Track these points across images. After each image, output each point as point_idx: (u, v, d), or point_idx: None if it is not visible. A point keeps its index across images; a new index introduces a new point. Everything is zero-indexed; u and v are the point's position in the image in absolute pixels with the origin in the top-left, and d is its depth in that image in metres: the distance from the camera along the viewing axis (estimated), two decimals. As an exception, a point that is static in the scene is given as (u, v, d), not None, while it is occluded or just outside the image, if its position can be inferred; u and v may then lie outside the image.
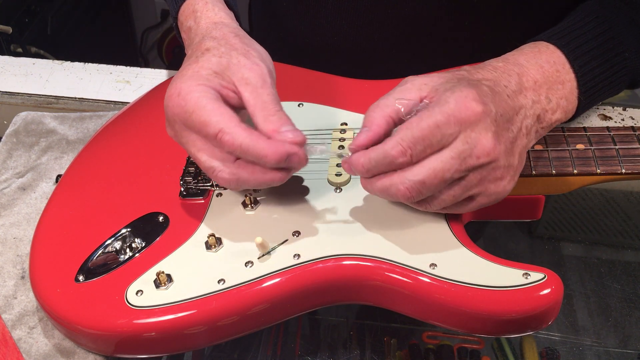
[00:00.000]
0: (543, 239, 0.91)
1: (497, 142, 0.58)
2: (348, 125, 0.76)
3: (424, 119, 0.57)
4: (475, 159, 0.57)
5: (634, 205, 0.92)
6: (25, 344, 0.67)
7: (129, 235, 0.68)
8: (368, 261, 0.62)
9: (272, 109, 0.62)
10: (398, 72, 0.81)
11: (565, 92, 0.66)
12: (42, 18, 1.63)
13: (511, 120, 0.60)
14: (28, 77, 0.98)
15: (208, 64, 0.63)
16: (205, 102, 0.60)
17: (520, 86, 0.63)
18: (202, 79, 0.62)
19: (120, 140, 0.79)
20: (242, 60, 0.64)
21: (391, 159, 0.58)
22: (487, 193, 0.60)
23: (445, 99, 0.58)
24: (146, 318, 0.61)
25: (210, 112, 0.60)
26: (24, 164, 0.84)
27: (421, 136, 0.56)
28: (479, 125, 0.57)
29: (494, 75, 0.63)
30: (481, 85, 0.60)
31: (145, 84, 0.96)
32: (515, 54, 0.67)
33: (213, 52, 0.64)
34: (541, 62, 0.65)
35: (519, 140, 0.61)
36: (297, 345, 0.76)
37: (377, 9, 0.81)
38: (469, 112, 0.57)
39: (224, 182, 0.63)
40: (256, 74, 0.63)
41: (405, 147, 0.57)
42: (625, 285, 0.82)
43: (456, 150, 0.57)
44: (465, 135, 0.57)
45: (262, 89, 0.62)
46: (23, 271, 0.73)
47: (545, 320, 0.60)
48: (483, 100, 0.58)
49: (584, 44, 0.68)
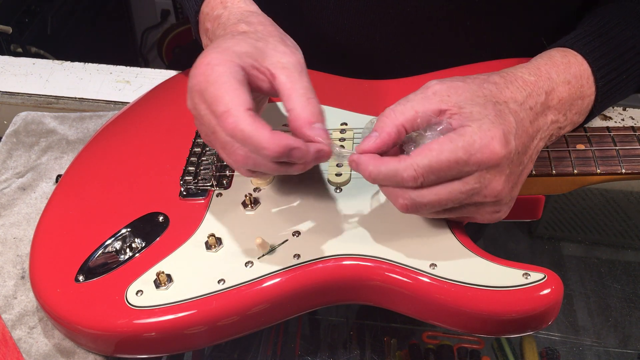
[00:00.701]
0: (543, 239, 0.91)
1: (506, 184, 0.59)
2: (348, 125, 0.76)
3: (445, 152, 0.55)
4: (482, 197, 0.58)
5: (634, 205, 0.92)
6: (25, 344, 0.67)
7: (129, 235, 0.68)
8: (368, 261, 0.62)
9: (310, 97, 0.59)
10: (399, 72, 0.81)
11: (582, 107, 0.67)
12: (42, 18, 1.63)
13: (525, 152, 0.60)
14: (28, 77, 0.98)
15: (245, 43, 0.61)
16: (227, 78, 0.58)
17: (545, 106, 0.63)
18: (235, 55, 0.60)
19: (120, 140, 0.79)
20: (280, 46, 0.62)
21: (401, 180, 0.57)
22: (479, 219, 0.62)
23: (471, 134, 0.56)
24: (146, 318, 0.61)
25: (226, 90, 0.57)
26: (24, 164, 0.84)
27: (438, 168, 0.56)
28: (496, 168, 0.57)
29: (522, 96, 0.61)
30: (508, 118, 0.58)
31: (145, 84, 0.96)
32: (548, 65, 0.65)
33: (250, 35, 0.63)
34: (569, 77, 0.65)
35: (526, 170, 0.62)
36: (297, 345, 0.76)
37: (378, 9, 0.81)
38: (492, 156, 0.56)
39: (237, 163, 0.60)
40: (294, 60, 0.61)
41: (419, 175, 0.56)
42: (625, 285, 0.82)
43: (467, 187, 0.57)
44: (480, 174, 0.57)
45: (301, 75, 0.60)
46: (23, 271, 0.73)
47: (545, 320, 0.60)
48: (507, 140, 0.57)
49: (607, 53, 0.67)
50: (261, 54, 0.61)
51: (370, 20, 0.82)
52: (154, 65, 2.17)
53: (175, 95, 0.84)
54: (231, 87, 0.58)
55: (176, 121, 0.80)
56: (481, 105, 0.58)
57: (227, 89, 0.57)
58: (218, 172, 0.72)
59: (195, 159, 0.74)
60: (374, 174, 0.58)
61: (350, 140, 0.74)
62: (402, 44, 0.84)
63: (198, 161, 0.74)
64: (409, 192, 0.58)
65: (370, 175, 0.58)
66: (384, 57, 0.86)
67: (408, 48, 0.84)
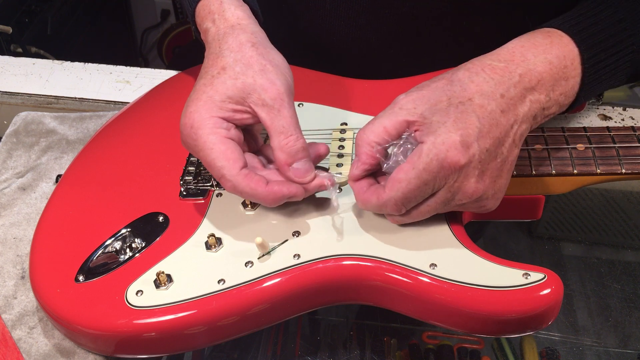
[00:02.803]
0: (543, 239, 0.91)
1: (479, 183, 0.60)
2: (348, 125, 0.76)
3: (412, 181, 0.58)
4: (459, 200, 0.61)
5: (634, 205, 0.92)
6: (25, 344, 0.67)
7: (129, 235, 0.68)
8: (368, 261, 0.62)
9: (288, 135, 0.63)
10: (398, 72, 0.81)
11: (567, 88, 0.64)
12: (42, 18, 1.63)
13: (501, 143, 0.60)
14: (28, 77, 0.98)
15: (223, 87, 0.63)
16: (213, 143, 0.62)
17: (521, 89, 0.61)
18: (215, 108, 0.63)
19: (120, 140, 0.79)
20: (259, 79, 0.63)
21: (387, 211, 0.62)
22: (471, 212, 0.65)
23: (427, 153, 0.58)
24: (146, 318, 0.61)
25: (216, 156, 0.62)
26: (24, 164, 0.84)
27: (412, 196, 0.60)
28: (462, 174, 0.59)
29: (490, 86, 0.60)
30: (469, 119, 0.58)
31: (145, 84, 0.96)
32: (525, 46, 0.64)
33: (229, 72, 0.64)
34: (551, 57, 0.63)
35: (509, 158, 0.61)
36: (297, 345, 0.76)
37: (373, 9, 0.81)
38: (452, 167, 0.58)
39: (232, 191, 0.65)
40: (274, 93, 0.63)
41: (400, 206, 0.61)
42: (625, 285, 0.82)
43: (441, 198, 0.60)
44: (448, 185, 0.59)
45: (280, 112, 0.63)
46: (23, 271, 0.73)
47: (545, 320, 0.60)
48: (467, 145, 0.58)
49: (596, 33, 0.65)
50: (241, 94, 0.64)
51: (366, 21, 0.82)
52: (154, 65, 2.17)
53: (175, 95, 0.84)
54: (219, 152, 0.62)
55: (176, 121, 0.79)
56: (442, 112, 0.59)
57: (216, 155, 0.62)
58: (218, 172, 0.72)
59: (195, 159, 0.74)
60: (364, 204, 0.64)
61: (350, 140, 0.74)
62: (398, 45, 0.84)
63: (198, 161, 0.74)
64: (398, 218, 0.64)
65: (361, 204, 0.64)
66: (381, 57, 0.86)
67: (404, 48, 0.84)
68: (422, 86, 0.62)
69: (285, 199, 0.64)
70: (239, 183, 0.62)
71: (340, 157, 0.72)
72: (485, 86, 0.60)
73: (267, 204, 0.64)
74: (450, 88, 0.61)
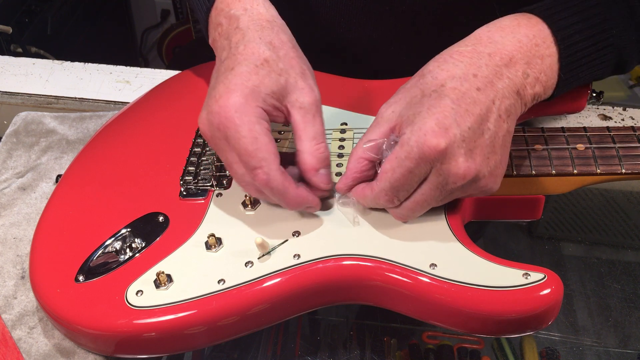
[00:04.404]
0: (543, 239, 0.91)
1: (470, 161, 0.59)
2: (348, 125, 0.76)
3: (396, 169, 0.59)
4: (453, 184, 0.60)
5: (634, 205, 0.92)
6: (25, 344, 0.67)
7: (129, 236, 0.68)
8: (368, 261, 0.62)
9: (320, 142, 0.64)
10: (398, 70, 0.81)
11: (544, 67, 0.63)
12: (42, 18, 1.63)
13: (485, 119, 0.59)
14: (28, 77, 0.98)
15: (269, 80, 0.63)
16: (258, 133, 0.61)
17: (494, 65, 0.61)
18: (260, 100, 0.62)
19: (120, 140, 0.79)
20: (300, 82, 0.64)
21: (382, 204, 0.63)
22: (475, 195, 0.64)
23: (407, 141, 0.59)
24: (146, 318, 0.61)
25: (260, 147, 0.61)
26: (24, 164, 0.84)
27: (399, 184, 0.60)
28: (446, 157, 0.58)
29: (460, 69, 0.61)
30: (442, 102, 0.59)
31: (145, 84, 0.96)
32: (492, 30, 0.64)
33: (272, 66, 0.64)
34: (519, 36, 0.63)
35: (499, 132, 0.60)
36: (297, 345, 0.76)
37: (373, 5, 0.81)
38: (432, 152, 0.58)
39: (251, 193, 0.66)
40: (311, 99, 0.64)
41: (391, 196, 0.62)
42: (625, 285, 0.81)
43: (433, 184, 0.60)
44: (436, 169, 0.59)
45: (315, 118, 0.65)
46: (23, 271, 0.73)
47: (545, 320, 0.60)
48: (444, 127, 0.58)
49: (569, 16, 0.65)
50: (283, 92, 0.64)
51: (366, 17, 0.82)
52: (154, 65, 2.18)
53: (175, 95, 0.84)
54: (262, 143, 0.61)
55: (176, 121, 0.80)
56: (417, 104, 0.60)
57: (260, 146, 0.61)
58: (218, 172, 0.72)
59: (195, 159, 0.74)
60: (362, 202, 0.65)
61: (350, 140, 0.74)
62: (398, 42, 0.84)
63: (198, 161, 0.74)
64: (395, 210, 0.64)
65: (360, 202, 0.66)
66: (381, 54, 0.86)
67: (404, 46, 0.84)
68: (399, 90, 0.64)
69: (305, 205, 0.65)
70: (275, 179, 0.61)
71: (340, 157, 0.72)
72: (455, 70, 0.61)
73: (288, 206, 0.64)
74: (422, 81, 0.62)
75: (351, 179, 0.65)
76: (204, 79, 0.84)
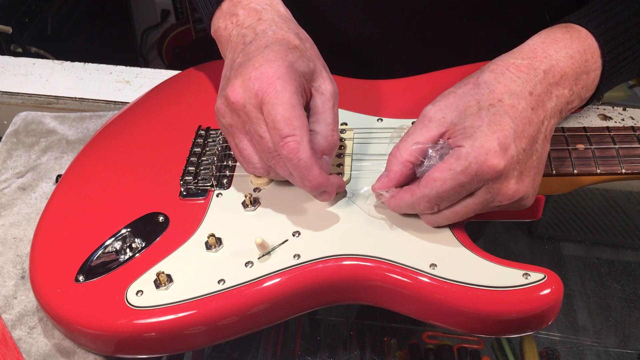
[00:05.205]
0: (543, 239, 0.91)
1: (520, 184, 0.59)
2: (348, 125, 0.76)
3: (448, 181, 0.58)
4: (499, 202, 0.60)
5: (634, 205, 0.92)
6: (25, 344, 0.67)
7: (129, 236, 0.68)
8: (368, 261, 0.62)
9: (334, 129, 0.65)
10: (398, 69, 0.81)
11: (588, 82, 0.65)
12: (42, 18, 1.63)
13: (534, 141, 0.60)
14: (28, 77, 0.98)
15: (302, 63, 0.64)
16: (296, 103, 0.61)
17: (547, 84, 0.62)
18: (298, 75, 0.63)
19: (120, 140, 0.79)
20: (324, 72, 0.66)
21: (420, 210, 0.62)
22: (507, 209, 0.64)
23: (466, 156, 0.58)
24: (146, 318, 0.61)
25: (296, 115, 0.60)
26: (24, 164, 0.84)
27: (446, 195, 0.60)
28: (501, 177, 0.58)
29: (517, 85, 0.61)
30: (503, 120, 0.58)
31: (145, 84, 0.96)
32: (546, 42, 0.64)
33: (302, 52, 0.65)
34: (572, 52, 0.64)
35: (543, 154, 0.62)
36: (297, 345, 0.76)
37: (373, 5, 0.81)
38: (492, 171, 0.57)
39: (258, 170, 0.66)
40: (332, 89, 0.66)
41: (433, 204, 0.61)
42: (625, 285, 0.82)
43: (479, 200, 0.60)
44: (487, 187, 0.59)
45: (334, 107, 0.66)
46: (23, 271, 0.73)
47: (545, 320, 0.60)
48: (505, 148, 0.57)
49: (613, 27, 0.66)
50: (311, 76, 0.65)
51: (366, 16, 0.82)
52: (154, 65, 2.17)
53: (175, 95, 0.84)
54: (300, 113, 0.61)
55: (176, 121, 0.80)
56: (474, 116, 0.59)
57: (297, 114, 0.61)
58: (218, 172, 0.72)
59: (195, 159, 0.74)
60: (396, 207, 0.64)
61: (350, 140, 0.74)
62: (398, 41, 0.84)
63: (198, 161, 0.74)
64: (430, 217, 0.63)
65: (394, 208, 0.64)
66: (381, 53, 0.86)
67: (404, 44, 0.84)
68: (447, 93, 0.63)
69: (323, 188, 0.63)
70: (305, 151, 0.60)
71: (340, 157, 0.72)
72: (513, 85, 0.60)
73: (308, 183, 0.62)
74: (478, 91, 0.61)
75: (395, 182, 0.63)
76: (204, 79, 0.84)
